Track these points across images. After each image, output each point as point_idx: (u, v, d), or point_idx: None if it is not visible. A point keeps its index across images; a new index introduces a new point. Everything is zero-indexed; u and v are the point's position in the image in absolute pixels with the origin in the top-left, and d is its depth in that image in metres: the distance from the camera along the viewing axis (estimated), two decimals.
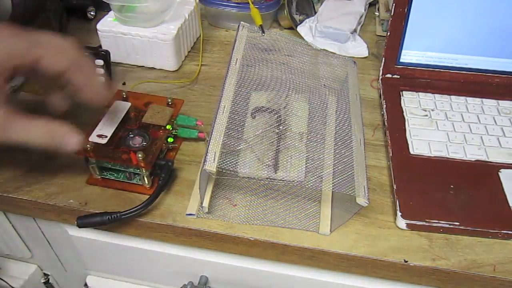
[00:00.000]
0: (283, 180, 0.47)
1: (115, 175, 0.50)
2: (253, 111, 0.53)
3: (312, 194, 0.50)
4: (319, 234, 0.46)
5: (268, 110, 0.53)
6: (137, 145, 0.49)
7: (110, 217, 0.45)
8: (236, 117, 0.49)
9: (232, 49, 0.53)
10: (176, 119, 0.53)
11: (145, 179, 0.49)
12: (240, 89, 0.51)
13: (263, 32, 0.59)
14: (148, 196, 0.46)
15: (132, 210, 0.45)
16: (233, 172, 0.45)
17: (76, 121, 0.58)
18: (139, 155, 0.46)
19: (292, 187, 0.50)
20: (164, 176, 0.48)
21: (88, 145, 0.48)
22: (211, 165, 0.42)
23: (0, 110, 0.40)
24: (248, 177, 0.48)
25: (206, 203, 0.47)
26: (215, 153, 0.43)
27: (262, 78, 0.54)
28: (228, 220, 0.47)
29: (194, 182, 0.51)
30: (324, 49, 0.68)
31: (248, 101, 0.54)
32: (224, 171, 0.44)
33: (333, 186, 0.45)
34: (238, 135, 0.48)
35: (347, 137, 0.49)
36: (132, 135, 0.50)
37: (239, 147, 0.47)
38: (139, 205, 0.45)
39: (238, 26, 0.56)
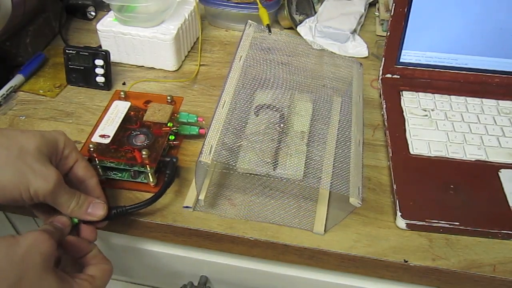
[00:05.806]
0: (281, 178, 0.47)
1: (119, 174, 0.50)
2: (257, 108, 0.52)
3: (309, 193, 0.50)
4: (313, 233, 0.46)
5: (272, 108, 0.53)
6: (140, 143, 0.49)
7: (116, 211, 0.45)
8: (237, 113, 0.49)
9: (237, 46, 0.53)
10: (177, 116, 0.53)
11: (150, 177, 0.49)
12: (244, 86, 0.51)
13: (270, 31, 0.59)
14: (154, 194, 0.46)
15: (138, 204, 0.45)
16: (229, 166, 0.45)
17: (77, 121, 0.59)
18: (144, 153, 0.46)
19: (289, 185, 0.50)
20: (169, 172, 0.48)
21: (91, 146, 0.47)
22: (207, 157, 0.42)
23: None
24: (246, 173, 0.48)
25: (202, 196, 0.47)
26: (211, 146, 0.43)
27: (267, 76, 0.54)
28: (224, 216, 0.47)
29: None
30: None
31: (252, 99, 0.54)
32: (220, 163, 0.44)
33: (330, 185, 0.45)
34: (239, 131, 0.48)
35: (347, 138, 0.49)
36: (134, 134, 0.50)
37: (239, 143, 0.47)
38: (146, 200, 0.45)
39: (245, 24, 0.56)
